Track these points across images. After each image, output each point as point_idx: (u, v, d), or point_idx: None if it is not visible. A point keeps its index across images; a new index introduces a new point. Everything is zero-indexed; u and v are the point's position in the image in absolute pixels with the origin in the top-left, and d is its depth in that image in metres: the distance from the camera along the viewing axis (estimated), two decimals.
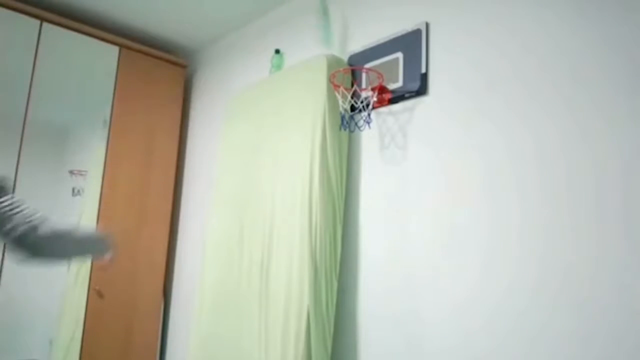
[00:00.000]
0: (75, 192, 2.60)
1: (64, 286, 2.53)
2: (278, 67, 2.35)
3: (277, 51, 2.40)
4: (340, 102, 1.87)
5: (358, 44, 2.06)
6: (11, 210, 1.09)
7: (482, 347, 1.45)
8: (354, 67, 2.01)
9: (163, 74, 2.96)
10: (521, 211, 1.44)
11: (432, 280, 1.62)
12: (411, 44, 1.82)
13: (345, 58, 2.09)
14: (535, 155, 1.44)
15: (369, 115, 1.91)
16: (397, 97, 1.85)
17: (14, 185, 2.37)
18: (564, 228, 1.34)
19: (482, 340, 1.46)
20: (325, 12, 2.15)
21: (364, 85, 1.97)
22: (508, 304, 1.42)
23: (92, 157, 2.66)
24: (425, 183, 1.71)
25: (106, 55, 2.74)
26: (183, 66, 3.07)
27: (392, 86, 1.87)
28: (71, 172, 2.60)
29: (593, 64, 1.35)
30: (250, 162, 2.21)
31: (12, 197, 1.12)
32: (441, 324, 1.57)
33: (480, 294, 1.49)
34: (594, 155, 1.32)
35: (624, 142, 1.27)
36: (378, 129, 1.92)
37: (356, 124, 1.99)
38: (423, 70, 1.77)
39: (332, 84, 1.86)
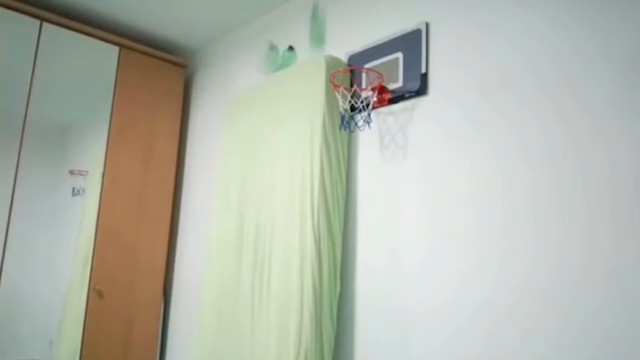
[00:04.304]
0: (75, 192, 2.60)
1: (65, 286, 2.53)
2: (286, 64, 2.27)
3: (291, 48, 2.35)
4: (340, 102, 1.87)
5: (358, 44, 2.06)
6: None
7: (472, 343, 1.46)
8: (354, 67, 2.01)
9: (163, 74, 2.96)
10: (516, 211, 1.44)
11: (432, 280, 1.62)
12: (411, 44, 1.83)
13: (345, 58, 2.09)
14: (543, 153, 1.44)
15: (369, 115, 1.91)
16: (397, 97, 1.85)
17: (14, 185, 2.37)
18: (558, 227, 1.34)
19: (473, 337, 1.46)
20: (315, 15, 2.17)
21: (363, 85, 1.97)
22: (502, 302, 1.42)
23: (92, 157, 2.67)
24: (425, 183, 1.71)
25: (106, 55, 2.74)
26: (183, 66, 3.07)
27: (392, 86, 1.87)
28: (71, 172, 2.61)
29: (590, 71, 1.35)
30: (251, 162, 2.21)
31: None
32: (457, 327, 1.57)
33: (479, 292, 1.49)
34: (582, 158, 1.32)
35: (612, 145, 1.27)
36: (378, 129, 1.92)
37: (356, 124, 1.99)
38: (423, 70, 1.77)
39: (332, 84, 1.86)
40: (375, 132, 1.93)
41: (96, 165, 2.66)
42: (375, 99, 1.87)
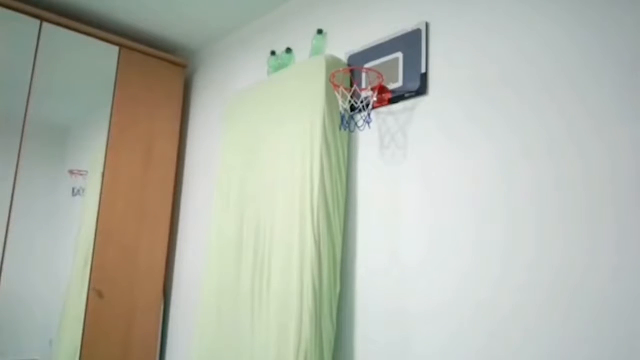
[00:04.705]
0: (75, 192, 2.60)
1: (65, 286, 2.53)
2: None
3: (289, 50, 2.32)
4: (340, 102, 1.87)
5: (358, 44, 2.06)
6: None
7: (474, 343, 1.46)
8: (354, 67, 2.01)
9: (163, 74, 2.96)
10: (516, 211, 1.44)
11: (433, 280, 1.62)
12: (411, 44, 1.82)
13: (345, 58, 2.09)
14: (544, 152, 1.44)
15: (369, 115, 1.91)
16: (397, 97, 1.85)
17: (14, 185, 2.37)
18: (559, 226, 1.34)
19: (474, 337, 1.46)
20: (320, 35, 2.18)
21: (363, 85, 1.97)
22: (503, 301, 1.42)
23: (92, 157, 2.67)
24: (425, 183, 1.71)
25: (106, 55, 2.74)
26: (183, 66, 3.07)
27: (392, 86, 1.87)
28: (71, 172, 2.61)
29: (589, 67, 1.35)
30: (250, 162, 2.21)
31: None
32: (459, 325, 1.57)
33: (480, 292, 1.49)
34: (583, 157, 1.32)
35: (613, 144, 1.27)
36: (378, 129, 1.92)
37: (356, 123, 1.99)
38: (423, 70, 1.77)
39: (332, 84, 1.86)
40: (375, 132, 1.93)
41: (96, 165, 2.66)
42: (375, 99, 1.87)
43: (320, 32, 2.16)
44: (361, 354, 1.80)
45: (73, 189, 2.60)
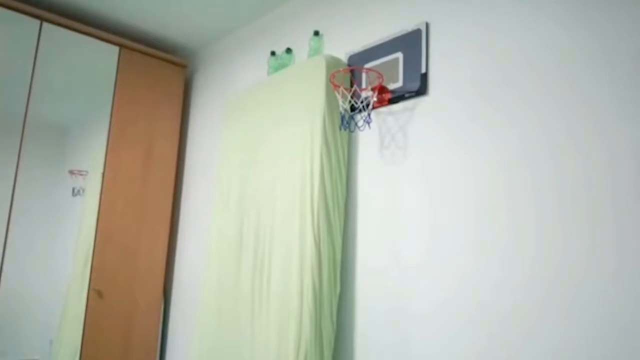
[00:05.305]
0: (75, 192, 2.60)
1: (65, 286, 2.53)
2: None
3: (289, 50, 2.33)
4: (340, 102, 1.87)
5: (358, 44, 2.06)
6: None
7: (474, 343, 1.45)
8: (354, 67, 2.01)
9: (163, 74, 2.96)
10: (517, 211, 1.44)
11: (433, 280, 1.62)
12: (411, 44, 1.82)
13: (345, 58, 2.09)
14: (545, 152, 1.44)
15: (369, 115, 1.91)
16: (397, 97, 1.85)
17: (14, 185, 2.37)
18: (559, 226, 1.34)
19: (474, 338, 1.46)
20: (316, 36, 2.17)
21: (363, 85, 1.97)
22: (503, 302, 1.42)
23: (92, 157, 2.67)
24: (425, 183, 1.71)
25: (106, 55, 2.74)
26: (183, 66, 3.07)
27: (392, 86, 1.87)
28: (71, 172, 2.61)
29: (592, 70, 1.35)
30: (250, 162, 2.21)
31: None
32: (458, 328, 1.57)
33: (481, 293, 1.49)
34: (584, 157, 1.32)
35: (614, 144, 1.27)
36: (378, 129, 1.92)
37: (356, 124, 1.99)
38: (423, 70, 1.77)
39: (332, 84, 1.86)
40: (375, 132, 1.93)
41: (96, 165, 2.66)
42: (375, 99, 1.87)
43: (316, 33, 2.16)
44: (361, 354, 1.80)
45: (73, 189, 2.60)
